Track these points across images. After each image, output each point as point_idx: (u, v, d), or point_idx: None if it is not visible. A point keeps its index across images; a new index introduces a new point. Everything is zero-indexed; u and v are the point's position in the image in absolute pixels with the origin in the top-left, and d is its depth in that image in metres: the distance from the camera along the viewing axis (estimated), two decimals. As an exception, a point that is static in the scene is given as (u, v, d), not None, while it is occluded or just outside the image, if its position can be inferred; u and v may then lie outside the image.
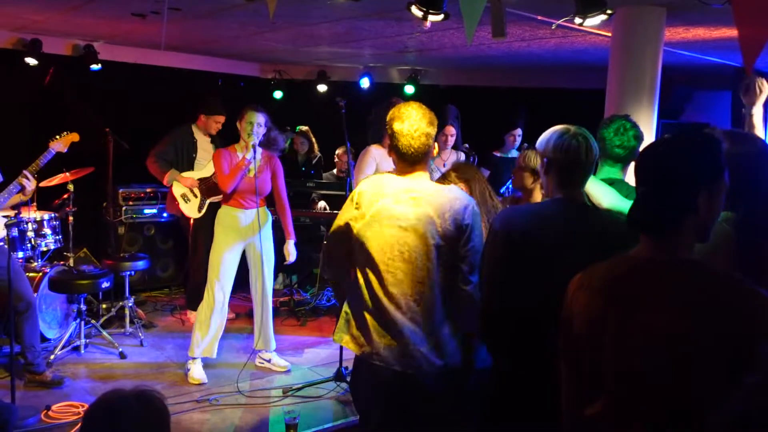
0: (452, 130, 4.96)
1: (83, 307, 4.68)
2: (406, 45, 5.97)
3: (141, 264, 5.24)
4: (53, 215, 4.98)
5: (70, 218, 5.00)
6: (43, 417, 3.61)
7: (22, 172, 3.86)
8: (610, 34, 4.50)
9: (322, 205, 6.44)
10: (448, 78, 7.75)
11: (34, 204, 4.82)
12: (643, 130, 4.12)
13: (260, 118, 4.22)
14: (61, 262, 5.01)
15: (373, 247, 2.30)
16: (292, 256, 4.48)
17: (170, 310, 5.85)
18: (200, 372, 4.21)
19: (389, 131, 2.30)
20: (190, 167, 5.36)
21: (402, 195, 2.28)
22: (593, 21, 3.36)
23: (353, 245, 2.38)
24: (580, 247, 1.97)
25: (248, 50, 6.65)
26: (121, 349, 4.64)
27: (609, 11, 3.32)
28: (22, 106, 5.61)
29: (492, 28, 3.43)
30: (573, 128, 2.11)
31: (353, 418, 3.64)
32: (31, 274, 4.60)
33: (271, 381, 4.28)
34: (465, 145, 5.19)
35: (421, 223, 2.24)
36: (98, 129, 5.47)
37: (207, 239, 4.63)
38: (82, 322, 4.68)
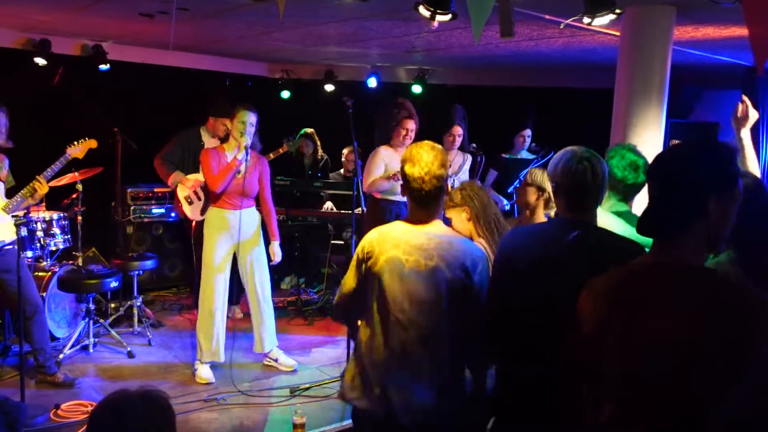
0: (459, 130, 4.95)
1: (92, 306, 4.70)
2: (413, 45, 5.95)
3: (149, 263, 5.27)
4: (62, 215, 5.00)
5: (79, 218, 5.03)
6: (52, 416, 3.63)
7: (35, 177, 3.88)
8: (618, 33, 4.47)
9: (329, 205, 6.45)
10: (456, 77, 7.73)
11: (43, 204, 4.84)
12: (652, 129, 4.17)
13: (252, 118, 4.18)
14: (70, 262, 5.04)
15: (383, 295, 2.25)
16: (278, 256, 4.47)
17: (178, 309, 5.87)
18: (208, 372, 4.22)
19: (402, 173, 2.29)
20: (196, 170, 5.37)
21: (413, 246, 2.23)
22: (602, 20, 3.31)
23: (364, 294, 2.34)
24: (573, 261, 1.99)
25: (256, 50, 6.66)
26: (129, 349, 4.66)
27: (618, 10, 3.29)
28: (31, 106, 5.63)
29: (500, 27, 3.41)
30: (580, 151, 2.11)
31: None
32: (40, 274, 4.64)
33: (279, 381, 4.28)
34: (472, 145, 5.16)
35: (434, 275, 2.20)
36: (107, 129, 5.49)
37: None
38: (91, 322, 4.70)
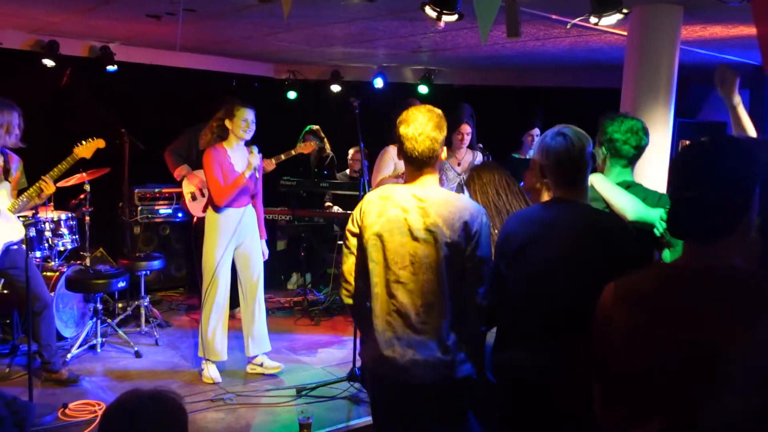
0: (468, 128, 4.92)
1: (99, 306, 4.73)
2: (420, 45, 5.95)
3: (156, 264, 5.29)
4: (70, 215, 5.03)
5: (87, 218, 5.04)
6: (60, 415, 3.65)
7: (41, 177, 3.90)
8: (625, 32, 4.45)
9: (334, 208, 6.43)
10: (463, 77, 7.72)
11: (51, 204, 4.86)
12: (660, 129, 4.15)
13: (252, 115, 4.19)
14: (78, 262, 5.06)
15: (383, 257, 2.28)
16: (265, 254, 4.47)
17: (185, 309, 5.89)
18: (214, 371, 4.23)
19: (397, 134, 2.31)
20: (200, 167, 5.38)
21: (410, 205, 2.26)
22: (609, 20, 3.29)
23: (363, 257, 2.35)
24: (555, 239, 2.07)
25: (262, 51, 6.67)
26: (136, 348, 4.68)
27: (625, 10, 3.26)
28: (39, 107, 5.65)
29: (507, 27, 3.39)
30: (558, 128, 2.15)
31: (367, 418, 3.64)
32: (48, 274, 4.66)
33: (285, 381, 4.28)
34: (479, 144, 5.15)
35: (431, 233, 2.21)
36: (114, 130, 5.50)
37: None
38: (99, 321, 4.72)
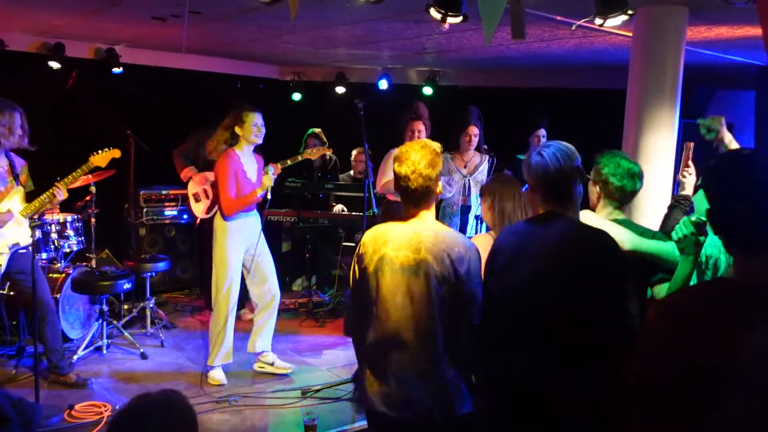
0: (475, 130, 4.89)
1: (105, 307, 4.74)
2: (424, 46, 5.95)
3: (161, 265, 5.30)
4: (76, 217, 5.05)
5: (93, 220, 5.06)
6: (66, 416, 3.66)
7: (55, 184, 3.92)
8: (630, 34, 4.44)
9: (339, 207, 6.45)
10: (467, 79, 7.71)
11: (57, 206, 4.87)
12: (665, 130, 4.15)
13: (260, 118, 4.19)
14: (84, 264, 5.08)
15: (378, 293, 2.30)
16: None
17: (190, 311, 5.90)
18: (220, 373, 4.23)
19: (393, 172, 2.36)
20: (206, 167, 5.39)
21: (403, 242, 2.29)
22: (614, 21, 3.28)
23: (363, 292, 2.38)
24: (542, 252, 2.11)
25: (267, 52, 6.68)
26: (142, 350, 4.69)
27: (630, 11, 3.25)
28: (45, 109, 5.68)
29: (511, 29, 3.40)
30: (542, 145, 2.21)
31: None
32: (54, 275, 4.68)
33: (290, 382, 4.29)
34: (483, 147, 5.13)
35: (422, 269, 2.24)
36: (120, 131, 5.53)
37: None
38: (104, 323, 4.74)
